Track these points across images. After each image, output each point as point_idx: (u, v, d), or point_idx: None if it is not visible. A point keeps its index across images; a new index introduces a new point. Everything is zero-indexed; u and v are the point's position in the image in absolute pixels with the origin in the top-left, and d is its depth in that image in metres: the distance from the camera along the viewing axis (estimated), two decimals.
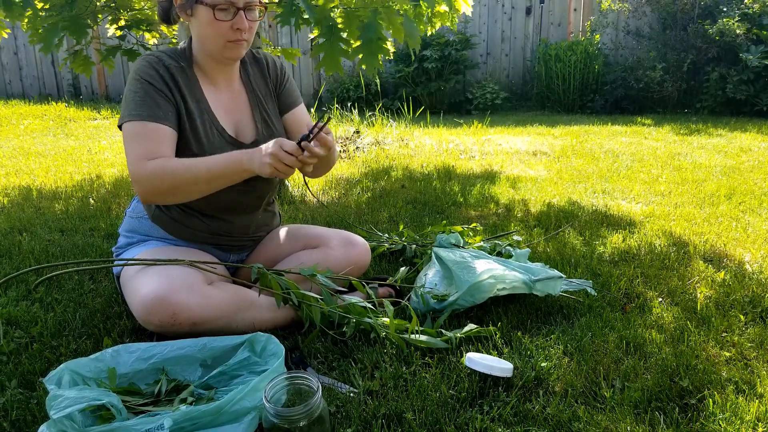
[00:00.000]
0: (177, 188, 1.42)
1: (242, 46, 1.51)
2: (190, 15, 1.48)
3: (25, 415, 1.19)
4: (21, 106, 7.19)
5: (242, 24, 1.46)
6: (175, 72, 1.52)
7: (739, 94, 6.13)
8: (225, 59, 1.54)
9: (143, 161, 1.42)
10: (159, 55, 1.53)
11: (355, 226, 2.41)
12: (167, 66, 1.51)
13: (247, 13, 1.46)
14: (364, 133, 4.86)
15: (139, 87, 1.47)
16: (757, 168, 3.58)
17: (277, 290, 1.48)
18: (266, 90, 1.69)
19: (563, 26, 7.64)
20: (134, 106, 1.45)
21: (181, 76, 1.52)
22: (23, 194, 3.08)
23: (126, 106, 1.47)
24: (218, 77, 1.59)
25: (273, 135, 1.65)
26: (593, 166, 3.74)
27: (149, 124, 1.44)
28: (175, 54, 1.55)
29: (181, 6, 1.48)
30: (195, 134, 1.52)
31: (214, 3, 1.43)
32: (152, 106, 1.45)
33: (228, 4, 1.43)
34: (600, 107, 7.02)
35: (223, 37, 1.47)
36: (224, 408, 1.06)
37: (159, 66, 1.50)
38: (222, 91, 1.61)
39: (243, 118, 1.63)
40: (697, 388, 1.27)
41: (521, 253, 1.93)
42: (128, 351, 1.29)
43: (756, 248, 2.15)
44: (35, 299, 1.74)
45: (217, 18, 1.44)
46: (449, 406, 1.22)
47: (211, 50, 1.52)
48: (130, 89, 1.48)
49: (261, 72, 1.70)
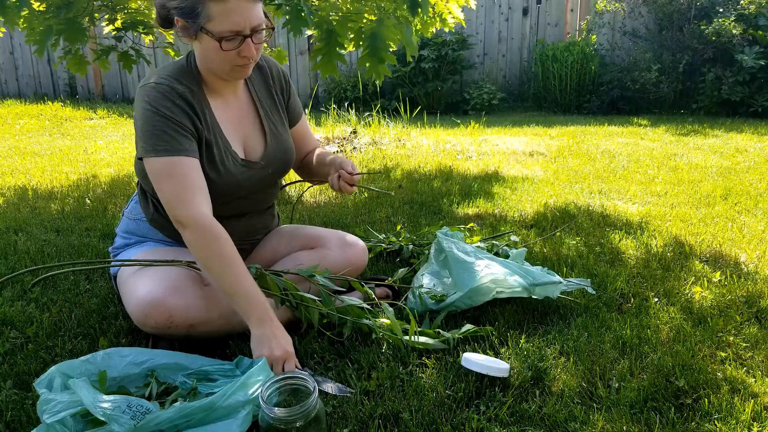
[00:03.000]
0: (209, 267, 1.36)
1: (249, 67, 1.45)
2: (194, 39, 1.40)
3: (20, 415, 1.19)
4: (17, 105, 7.17)
5: (249, 52, 1.38)
6: (189, 98, 1.44)
7: (735, 95, 6.14)
8: (232, 79, 1.49)
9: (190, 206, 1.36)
10: (169, 84, 1.42)
11: (352, 227, 2.41)
12: (181, 94, 1.42)
13: (254, 37, 1.38)
14: (361, 134, 4.86)
15: (157, 120, 1.39)
16: (753, 169, 3.59)
17: (275, 291, 1.48)
18: (270, 100, 1.65)
19: (560, 27, 7.65)
20: (158, 140, 1.38)
21: (194, 101, 1.45)
22: (19, 194, 3.06)
23: (148, 140, 1.38)
24: (223, 91, 1.54)
25: (283, 147, 1.63)
26: (590, 166, 3.74)
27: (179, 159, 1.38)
28: (181, 75, 1.46)
29: (184, 29, 1.38)
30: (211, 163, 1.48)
31: (221, 36, 1.34)
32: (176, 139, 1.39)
33: (234, 33, 1.35)
34: (596, 108, 7.04)
35: (230, 63, 1.40)
36: (217, 403, 1.06)
37: (173, 96, 1.41)
38: (229, 104, 1.56)
39: (250, 131, 1.59)
40: (692, 388, 1.28)
41: (518, 253, 1.94)
42: (120, 355, 1.28)
43: (751, 248, 2.16)
44: (31, 299, 1.73)
45: (223, 48, 1.36)
46: (446, 407, 1.22)
47: (216, 72, 1.46)
48: (148, 122, 1.39)
49: (264, 80, 1.65)
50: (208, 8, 1.32)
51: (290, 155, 1.67)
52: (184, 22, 1.36)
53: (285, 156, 1.64)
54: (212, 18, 1.33)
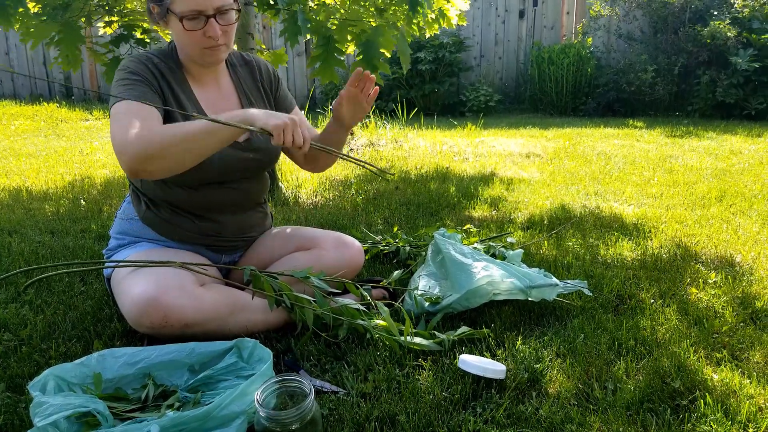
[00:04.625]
0: (167, 149, 1.31)
1: (220, 51, 1.50)
2: (166, 23, 1.48)
3: (13, 419, 1.18)
4: (12, 106, 7.14)
5: (213, 32, 1.44)
6: (163, 69, 1.52)
7: (729, 97, 6.17)
8: (206, 63, 1.54)
9: (130, 130, 1.33)
10: (148, 55, 1.53)
11: (348, 228, 2.41)
12: (155, 63, 1.51)
13: (219, 17, 1.44)
14: (358, 135, 4.86)
15: (128, 75, 1.45)
16: (747, 170, 3.60)
17: (270, 292, 1.47)
18: (257, 93, 1.68)
19: (556, 29, 7.67)
20: (122, 90, 1.43)
21: (169, 74, 1.52)
22: (13, 195, 3.05)
23: (114, 92, 1.44)
24: (204, 78, 1.59)
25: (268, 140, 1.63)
26: (586, 168, 3.75)
27: (138, 104, 1.41)
28: (163, 55, 1.55)
29: (158, 15, 1.47)
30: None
31: (182, 14, 1.41)
32: (142, 91, 1.44)
33: (196, 13, 1.41)
34: (592, 110, 7.06)
35: (198, 45, 1.46)
36: (212, 413, 1.05)
37: (148, 62, 1.50)
38: (211, 91, 1.60)
39: None
40: (688, 389, 1.28)
41: (514, 254, 1.94)
42: (114, 356, 1.27)
43: (746, 250, 2.16)
44: (25, 301, 1.72)
45: (186, 28, 1.43)
46: (442, 408, 1.22)
47: (190, 56, 1.52)
48: (117, 80, 1.47)
49: (251, 74, 1.69)
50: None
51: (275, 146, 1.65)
52: (155, 7, 1.45)
53: (268, 146, 1.63)
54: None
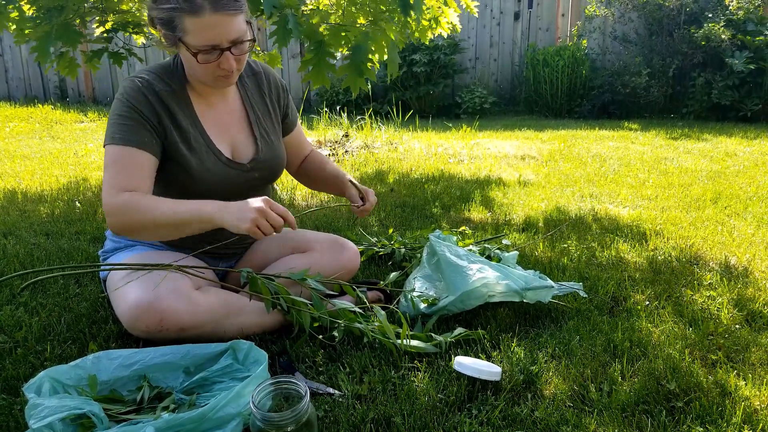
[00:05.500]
0: (144, 227, 1.36)
1: (233, 77, 1.44)
2: (176, 48, 1.40)
3: (8, 421, 1.17)
4: (6, 108, 7.11)
5: (228, 65, 1.38)
6: (165, 97, 1.45)
7: (724, 99, 6.20)
8: (217, 87, 1.50)
9: (117, 191, 1.36)
10: (149, 79, 1.45)
11: (344, 230, 2.40)
12: (157, 92, 1.44)
13: (234, 48, 1.37)
14: (353, 137, 4.87)
15: (125, 110, 1.41)
16: (742, 172, 3.62)
17: (267, 295, 1.47)
18: (264, 107, 1.64)
19: (551, 31, 7.69)
20: (117, 129, 1.40)
21: (172, 101, 1.46)
22: (8, 197, 3.04)
23: (110, 128, 1.42)
24: (212, 97, 1.55)
25: (273, 154, 1.63)
26: (581, 170, 3.76)
27: (131, 150, 1.39)
28: (165, 74, 1.48)
29: (165, 37, 1.38)
30: (193, 155, 1.48)
31: (197, 49, 1.34)
32: (136, 131, 1.40)
33: (210, 48, 1.35)
34: (587, 112, 7.08)
35: (212, 74, 1.41)
36: (208, 415, 1.05)
37: (148, 91, 1.43)
38: (217, 109, 1.56)
39: (240, 135, 1.59)
40: (684, 391, 1.28)
41: (509, 256, 1.94)
42: (109, 358, 1.27)
43: (741, 252, 2.17)
44: (20, 303, 1.71)
45: (200, 61, 1.36)
46: (438, 410, 1.22)
47: (201, 80, 1.46)
48: (115, 111, 1.42)
49: (258, 86, 1.64)
50: (184, 22, 1.32)
51: (280, 162, 1.67)
52: (164, 32, 1.37)
53: (274, 162, 1.64)
54: (188, 32, 1.33)
